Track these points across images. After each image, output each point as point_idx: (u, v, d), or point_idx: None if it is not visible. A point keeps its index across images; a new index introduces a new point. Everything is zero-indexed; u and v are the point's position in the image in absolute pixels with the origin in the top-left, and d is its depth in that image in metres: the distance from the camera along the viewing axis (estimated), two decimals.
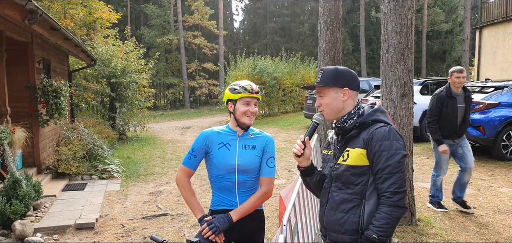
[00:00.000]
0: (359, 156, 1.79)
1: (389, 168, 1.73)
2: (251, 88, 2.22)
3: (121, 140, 12.35)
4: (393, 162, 1.73)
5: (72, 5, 12.54)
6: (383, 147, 1.74)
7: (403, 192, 1.74)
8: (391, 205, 1.72)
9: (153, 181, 7.34)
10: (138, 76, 12.99)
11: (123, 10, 28.64)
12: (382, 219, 1.71)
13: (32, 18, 4.66)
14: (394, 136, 1.77)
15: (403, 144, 1.79)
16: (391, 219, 1.71)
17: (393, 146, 1.74)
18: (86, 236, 4.75)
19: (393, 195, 1.72)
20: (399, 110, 4.36)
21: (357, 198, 1.82)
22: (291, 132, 13.20)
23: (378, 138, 1.76)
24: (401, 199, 1.73)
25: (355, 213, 1.81)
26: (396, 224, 1.75)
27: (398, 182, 1.73)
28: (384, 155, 1.74)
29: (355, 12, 29.54)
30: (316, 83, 1.95)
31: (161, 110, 28.35)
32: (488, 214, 4.84)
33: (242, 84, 2.24)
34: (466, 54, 23.38)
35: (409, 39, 4.30)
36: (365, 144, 1.79)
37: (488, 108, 7.48)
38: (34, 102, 6.98)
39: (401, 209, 1.73)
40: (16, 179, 5.05)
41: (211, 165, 2.30)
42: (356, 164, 1.80)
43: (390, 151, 1.74)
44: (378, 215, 1.74)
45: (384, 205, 1.73)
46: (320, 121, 1.96)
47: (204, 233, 2.16)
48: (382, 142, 1.75)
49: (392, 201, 1.72)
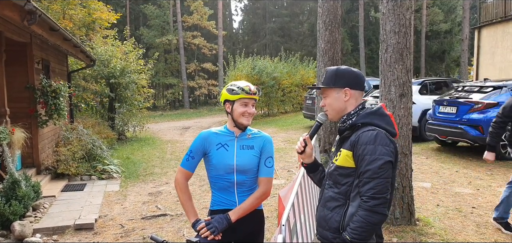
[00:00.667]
0: (346, 158, 1.82)
1: (369, 172, 1.72)
2: (249, 89, 2.22)
3: (120, 140, 12.35)
4: (374, 167, 1.71)
5: (71, 6, 12.52)
6: (366, 150, 1.74)
7: (382, 198, 1.71)
8: (367, 209, 1.71)
9: (152, 181, 7.34)
10: (137, 76, 12.98)
11: (122, 10, 28.59)
12: (357, 222, 1.72)
13: (31, 19, 4.66)
14: (380, 140, 1.75)
15: (391, 149, 1.76)
16: (366, 224, 1.71)
17: (376, 151, 1.73)
18: (86, 237, 4.75)
19: (370, 200, 1.71)
20: (398, 110, 4.37)
21: (342, 198, 1.84)
22: (290, 132, 13.20)
23: (363, 141, 1.76)
24: (379, 205, 1.70)
25: (338, 212, 1.84)
26: (373, 229, 1.74)
27: (377, 187, 1.71)
28: (366, 159, 1.74)
29: (354, 12, 29.54)
30: (319, 84, 1.99)
31: (161, 110, 28.34)
32: (487, 214, 4.85)
33: (240, 85, 2.24)
34: (465, 54, 23.41)
35: (407, 39, 4.31)
36: (351, 146, 1.81)
37: (487, 108, 7.49)
38: (33, 103, 6.98)
39: (377, 215, 1.71)
40: (15, 179, 5.05)
41: (210, 166, 2.30)
42: (344, 165, 1.83)
43: (372, 155, 1.73)
44: (355, 217, 1.75)
45: (361, 209, 1.74)
46: (324, 121, 2.00)
47: (202, 233, 2.16)
48: (366, 145, 1.75)
49: (369, 205, 1.71)
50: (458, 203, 5.30)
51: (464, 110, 7.72)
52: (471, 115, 7.58)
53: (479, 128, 7.43)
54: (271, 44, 35.49)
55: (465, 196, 5.57)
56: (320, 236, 1.94)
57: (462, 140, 8.00)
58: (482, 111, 7.50)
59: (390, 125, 1.85)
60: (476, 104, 7.62)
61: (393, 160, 1.78)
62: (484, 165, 7.28)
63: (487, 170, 6.96)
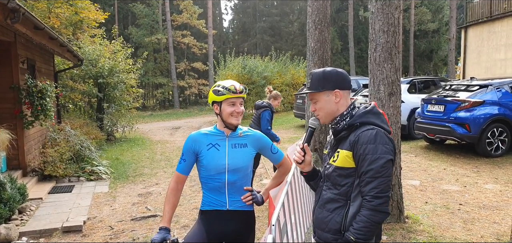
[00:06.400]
0: (346, 158, 1.80)
1: (371, 172, 1.72)
2: (234, 89, 2.21)
3: (109, 141, 12.19)
4: (376, 166, 1.72)
5: (57, 4, 12.29)
6: (368, 150, 1.74)
7: (385, 196, 1.73)
8: (371, 208, 1.72)
9: (142, 182, 7.26)
10: (126, 76, 12.82)
11: (110, 9, 28.24)
12: (361, 222, 1.72)
13: (14, 17, 4.56)
14: (380, 139, 1.76)
15: (390, 148, 1.77)
16: (370, 223, 1.71)
17: (377, 150, 1.73)
18: (74, 239, 4.67)
19: (374, 199, 1.72)
20: (387, 109, 4.41)
21: (342, 199, 1.83)
22: (281, 132, 13.22)
23: (364, 140, 1.76)
24: (382, 204, 1.72)
25: (339, 213, 1.83)
26: (376, 228, 1.75)
27: (380, 186, 1.72)
28: (367, 158, 1.73)
29: (343, 11, 29.75)
30: (306, 89, 1.94)
31: (150, 110, 28.08)
32: (474, 210, 4.94)
33: (226, 85, 2.22)
34: (452, 53, 23.79)
35: (396, 38, 4.35)
36: (351, 146, 1.79)
37: (473, 107, 7.62)
38: (19, 104, 6.83)
39: (381, 214, 1.72)
40: (0, 182, 4.94)
41: (201, 167, 2.29)
42: (343, 165, 1.81)
43: (374, 154, 1.73)
44: (358, 217, 1.75)
45: (364, 208, 1.74)
46: (316, 126, 1.95)
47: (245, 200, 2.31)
48: (367, 145, 1.75)
49: (372, 205, 1.72)
50: (445, 200, 5.38)
51: (451, 109, 7.84)
52: (458, 114, 7.70)
53: (465, 125, 7.56)
54: (261, 43, 35.50)
55: (452, 193, 5.66)
56: (319, 238, 1.92)
57: (450, 137, 8.13)
58: (469, 110, 7.63)
59: (385, 123, 1.85)
60: (462, 102, 7.74)
61: (393, 158, 1.79)
62: (471, 162, 7.40)
63: (473, 167, 7.09)
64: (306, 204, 3.76)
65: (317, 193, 2.00)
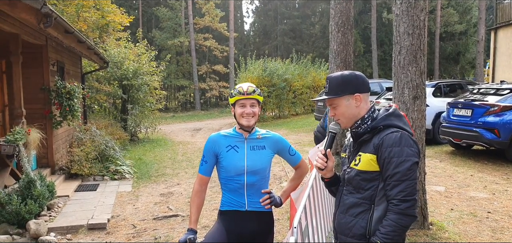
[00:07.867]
0: (370, 162, 1.77)
1: (398, 175, 1.69)
2: (242, 90, 2.26)
3: (132, 141, 12.49)
4: (403, 169, 1.69)
5: (85, 9, 12.74)
6: (393, 153, 1.71)
7: (412, 200, 1.69)
8: (398, 212, 1.68)
9: (164, 182, 7.39)
10: (149, 78, 13.13)
11: (134, 13, 28.94)
12: (389, 226, 1.69)
13: (47, 22, 4.75)
14: (406, 142, 1.72)
15: (415, 150, 1.74)
16: (398, 227, 1.68)
17: (403, 153, 1.70)
18: (98, 236, 4.81)
19: (401, 203, 1.68)
20: (411, 113, 4.31)
21: (366, 203, 1.80)
22: (301, 134, 13.15)
23: (388, 143, 1.73)
24: (410, 207, 1.69)
25: (363, 218, 1.80)
26: (404, 232, 1.72)
27: (407, 189, 1.69)
28: (393, 162, 1.70)
29: (366, 13, 29.27)
30: (325, 95, 1.89)
31: (172, 112, 28.57)
32: (503, 219, 4.74)
33: (237, 87, 2.30)
34: (481, 56, 22.94)
35: (421, 41, 4.25)
36: (375, 149, 1.76)
37: (503, 111, 7.31)
38: (48, 104, 7.11)
39: (409, 217, 1.69)
40: (30, 179, 5.16)
41: (221, 168, 2.33)
42: (367, 169, 1.78)
43: (400, 157, 1.70)
44: (385, 221, 1.71)
45: (391, 212, 1.70)
46: (337, 130, 1.93)
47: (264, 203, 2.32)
48: (392, 148, 1.71)
49: (400, 208, 1.68)
50: (473, 207, 5.19)
51: (480, 113, 7.56)
52: (487, 118, 7.42)
53: (495, 131, 7.26)
54: (282, 45, 35.42)
55: (480, 201, 5.45)
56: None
57: (477, 143, 7.84)
58: (498, 114, 7.33)
59: (407, 125, 1.82)
60: (492, 107, 7.45)
61: (419, 160, 1.75)
62: (500, 169, 7.11)
63: (503, 174, 6.80)
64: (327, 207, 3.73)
65: (337, 198, 1.97)
